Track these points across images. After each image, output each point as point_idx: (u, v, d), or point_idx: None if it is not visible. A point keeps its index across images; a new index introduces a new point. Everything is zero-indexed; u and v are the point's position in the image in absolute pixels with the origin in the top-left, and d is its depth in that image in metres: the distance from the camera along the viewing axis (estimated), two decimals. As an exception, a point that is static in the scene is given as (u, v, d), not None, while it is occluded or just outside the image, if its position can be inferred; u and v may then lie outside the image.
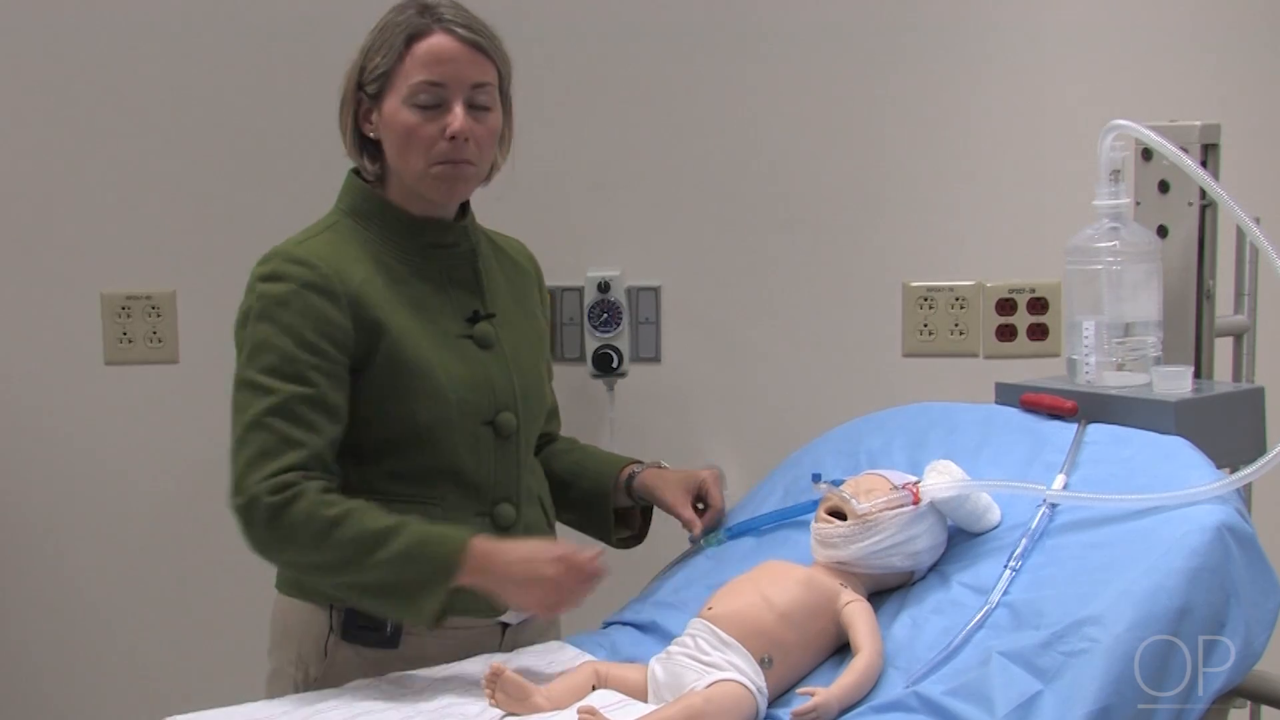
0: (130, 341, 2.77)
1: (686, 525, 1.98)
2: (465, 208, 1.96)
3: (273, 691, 1.90)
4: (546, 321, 2.11)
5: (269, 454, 1.76)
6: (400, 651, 1.85)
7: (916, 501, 1.73)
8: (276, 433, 1.76)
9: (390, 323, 1.84)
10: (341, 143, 1.93)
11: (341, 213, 1.92)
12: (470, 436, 1.87)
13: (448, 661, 1.83)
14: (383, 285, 1.85)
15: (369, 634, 1.85)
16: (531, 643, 1.91)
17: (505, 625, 1.93)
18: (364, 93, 1.87)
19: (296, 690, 1.87)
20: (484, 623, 1.90)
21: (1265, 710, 2.20)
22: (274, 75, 2.67)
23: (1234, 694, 1.64)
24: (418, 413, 1.84)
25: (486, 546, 1.75)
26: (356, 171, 1.93)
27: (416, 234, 1.90)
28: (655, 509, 2.07)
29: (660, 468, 2.07)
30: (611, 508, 2.04)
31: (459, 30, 1.84)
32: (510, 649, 1.90)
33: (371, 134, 1.88)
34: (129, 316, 2.76)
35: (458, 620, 1.83)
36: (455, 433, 1.86)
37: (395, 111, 1.84)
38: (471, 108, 1.85)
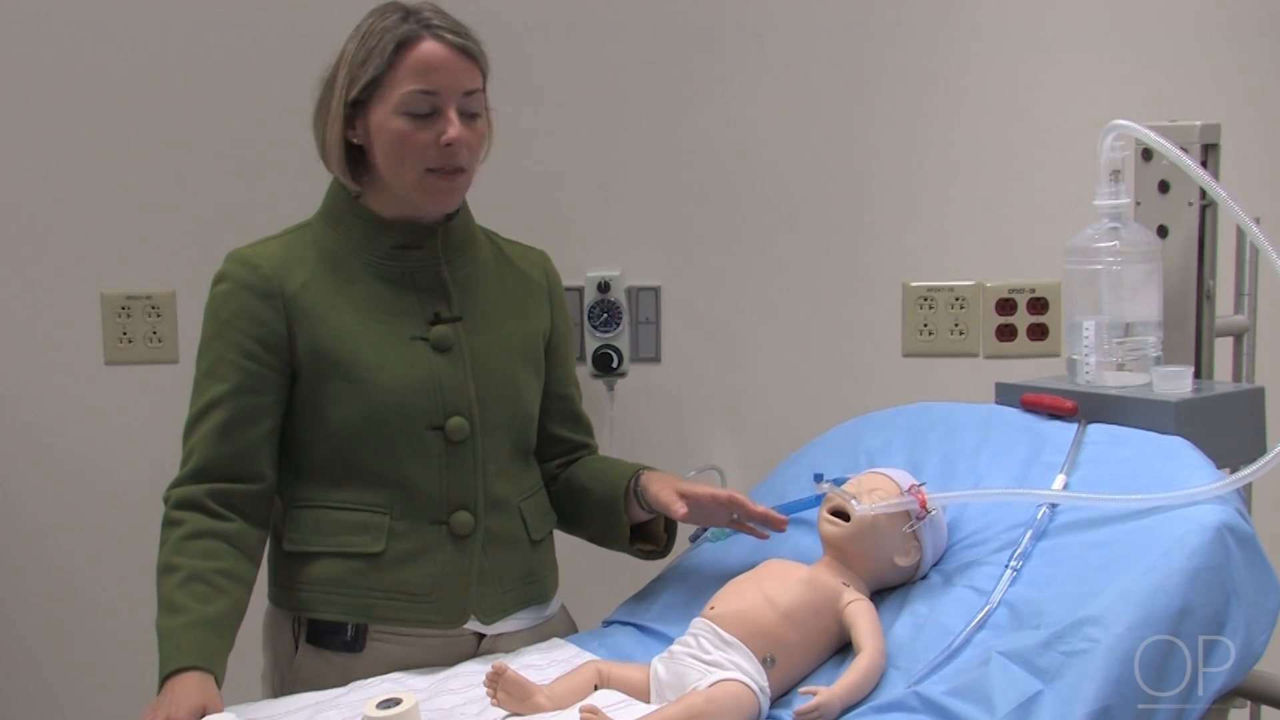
0: (130, 341, 2.77)
1: (673, 514, 1.89)
2: (456, 209, 1.95)
3: (262, 694, 1.93)
4: (568, 334, 2.07)
5: (188, 457, 1.84)
6: (364, 657, 1.85)
7: (923, 504, 1.73)
8: (200, 435, 1.84)
9: (328, 324, 1.84)
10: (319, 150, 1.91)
11: (317, 215, 1.94)
12: (415, 441, 1.86)
13: (414, 668, 1.84)
14: (330, 287, 1.86)
15: (333, 639, 1.86)
16: (513, 650, 1.90)
17: (480, 635, 1.91)
18: (349, 102, 1.84)
19: (275, 694, 1.89)
20: (450, 633, 1.88)
21: (1265, 710, 2.21)
22: (274, 76, 2.67)
23: (1234, 694, 1.65)
24: (352, 413, 1.84)
25: (174, 683, 1.69)
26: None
27: (383, 235, 1.89)
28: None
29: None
30: (621, 515, 1.98)
31: (448, 36, 1.83)
32: (485, 655, 1.89)
33: (355, 140, 1.86)
34: (129, 316, 2.76)
35: (421, 629, 1.85)
36: (397, 436, 1.85)
37: (386, 120, 1.83)
38: (462, 114, 1.84)
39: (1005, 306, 2.70)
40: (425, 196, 1.87)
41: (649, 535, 2.03)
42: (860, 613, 1.67)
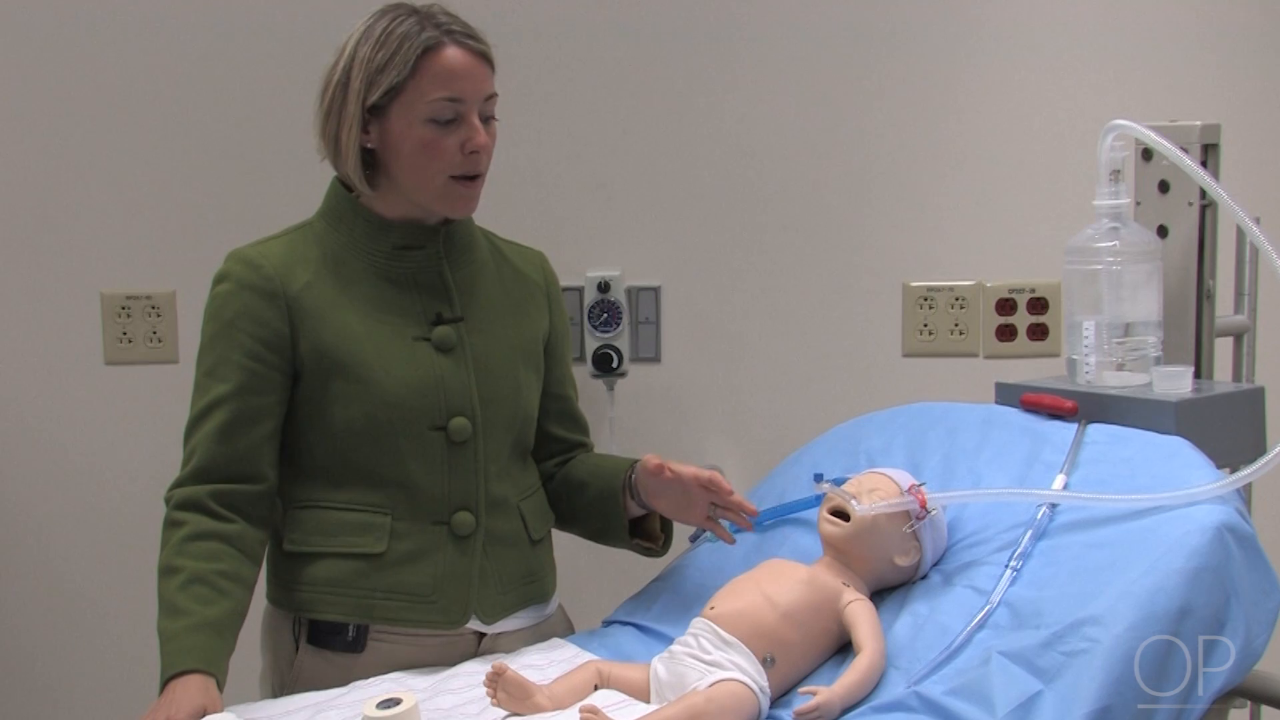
0: (130, 341, 2.77)
1: (649, 479, 1.91)
2: None
3: (261, 694, 1.93)
4: (565, 334, 2.07)
5: (190, 457, 1.84)
6: (365, 657, 1.85)
7: (924, 504, 1.72)
8: (201, 435, 1.83)
9: (331, 324, 1.84)
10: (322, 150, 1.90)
11: (318, 215, 1.94)
12: (417, 441, 1.86)
13: (415, 667, 1.84)
14: (332, 287, 1.86)
15: (334, 639, 1.86)
16: (511, 651, 1.89)
17: (480, 634, 1.91)
18: (366, 106, 1.83)
19: (275, 694, 1.89)
20: (450, 633, 1.88)
21: (1265, 710, 2.21)
22: (274, 76, 2.67)
23: (1234, 694, 1.65)
24: (355, 414, 1.84)
25: (175, 685, 1.69)
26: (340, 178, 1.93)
27: (385, 236, 1.89)
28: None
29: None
30: (620, 509, 1.97)
31: (469, 43, 1.83)
32: (486, 655, 1.90)
33: (368, 144, 1.86)
34: (129, 316, 2.76)
35: (422, 630, 1.85)
36: (399, 436, 1.85)
37: (409, 127, 1.82)
38: (481, 119, 1.85)
39: (1005, 306, 2.70)
40: (447, 203, 1.87)
41: (646, 533, 2.03)
42: (860, 613, 1.67)
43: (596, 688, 1.68)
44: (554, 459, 2.07)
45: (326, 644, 1.86)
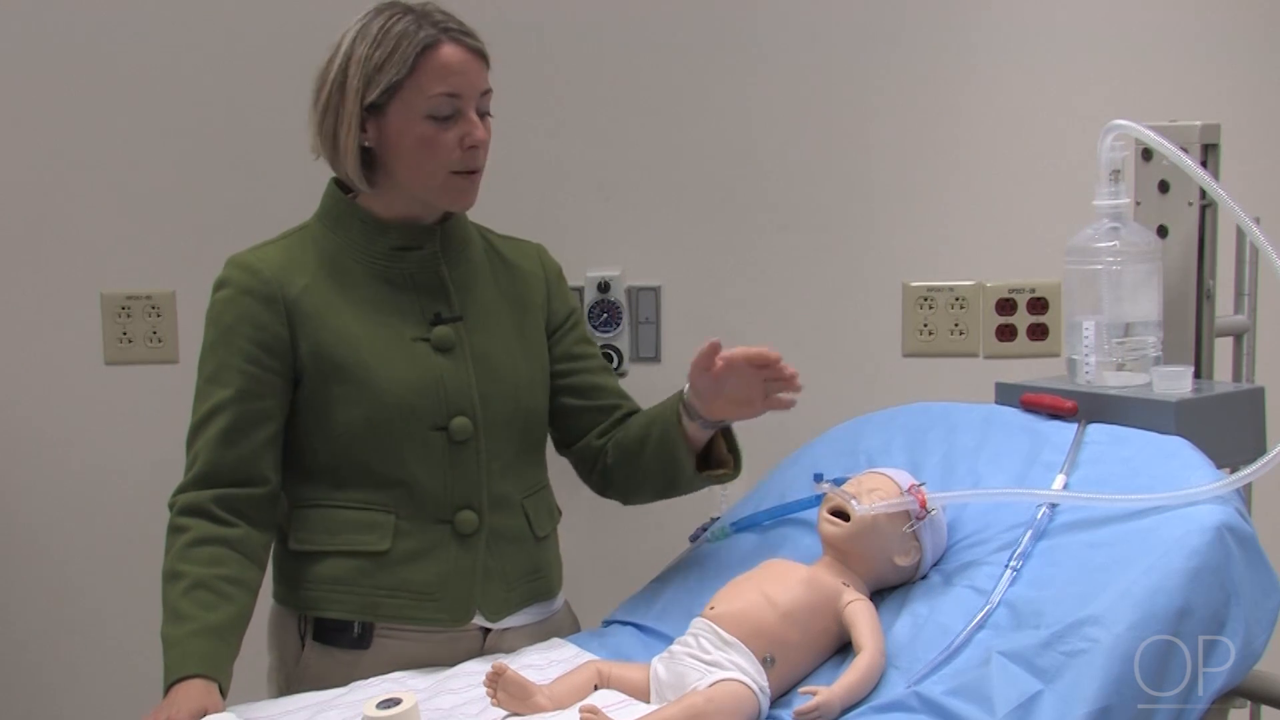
0: (130, 341, 2.77)
1: (706, 355, 1.85)
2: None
3: (268, 691, 1.94)
4: (574, 314, 2.07)
5: (193, 463, 1.85)
6: (371, 653, 1.86)
7: (923, 504, 1.72)
8: (204, 440, 1.84)
9: (330, 327, 1.85)
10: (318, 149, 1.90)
11: (315, 217, 1.95)
12: (418, 442, 1.86)
13: (420, 665, 1.85)
14: (331, 289, 1.87)
15: (340, 636, 1.87)
16: (516, 648, 1.90)
17: (486, 630, 1.92)
18: (364, 105, 1.84)
19: (280, 692, 1.90)
20: (455, 630, 1.89)
21: (1265, 710, 2.21)
22: (273, 76, 2.67)
23: (1234, 694, 1.65)
24: (356, 416, 1.85)
25: (177, 690, 1.69)
26: (337, 179, 1.93)
27: (381, 236, 1.90)
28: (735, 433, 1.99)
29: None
30: (683, 444, 1.91)
31: (466, 40, 1.85)
32: (491, 653, 1.90)
33: (365, 143, 1.86)
34: (129, 316, 2.76)
35: (425, 626, 1.86)
36: (400, 437, 1.86)
37: (409, 124, 1.83)
38: (478, 114, 1.87)
39: (1005, 306, 2.70)
40: (448, 197, 1.88)
41: (716, 461, 1.99)
42: (860, 613, 1.67)
43: (596, 688, 1.68)
44: (594, 430, 2.04)
45: (332, 641, 1.87)
